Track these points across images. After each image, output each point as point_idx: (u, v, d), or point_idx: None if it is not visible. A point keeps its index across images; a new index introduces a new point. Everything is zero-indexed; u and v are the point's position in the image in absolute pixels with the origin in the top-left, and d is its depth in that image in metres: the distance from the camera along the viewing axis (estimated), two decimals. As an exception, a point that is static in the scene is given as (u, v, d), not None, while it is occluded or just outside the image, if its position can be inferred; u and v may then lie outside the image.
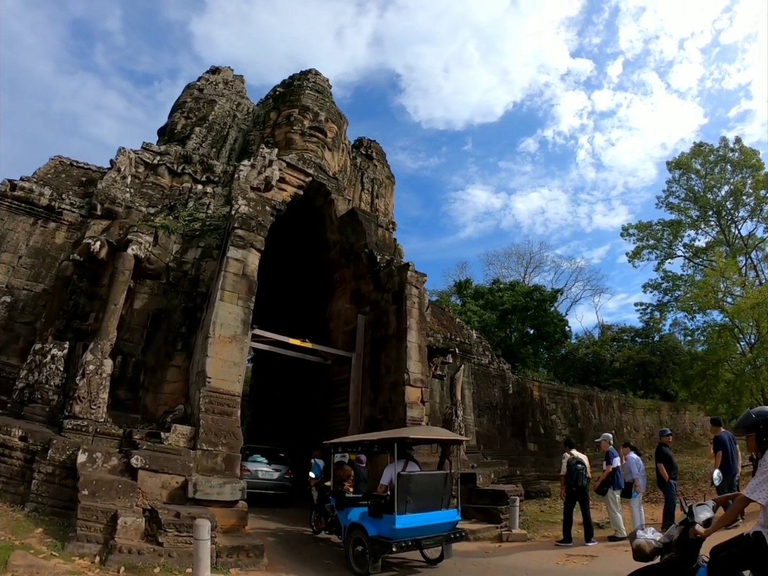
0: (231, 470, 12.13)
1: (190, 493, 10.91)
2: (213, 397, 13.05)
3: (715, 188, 38.05)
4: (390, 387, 17.11)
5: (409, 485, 8.77)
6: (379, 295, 19.08)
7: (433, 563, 9.46)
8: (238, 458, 12.62)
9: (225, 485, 11.24)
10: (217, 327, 13.79)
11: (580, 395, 32.89)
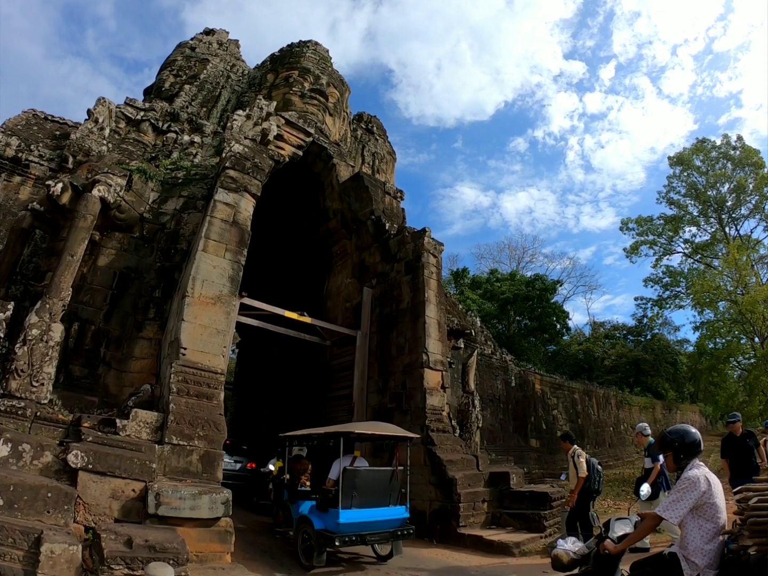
0: (210, 473, 8.58)
1: (150, 508, 7.38)
2: (188, 373, 9.45)
3: (717, 184, 35.11)
4: (404, 370, 13.57)
5: (355, 480, 8.37)
6: (388, 266, 15.53)
7: (383, 560, 9.04)
8: (221, 457, 9.02)
9: (201, 496, 7.66)
10: (197, 284, 10.14)
11: (580, 390, 29.82)
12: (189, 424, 8.78)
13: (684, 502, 3.68)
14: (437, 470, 11.86)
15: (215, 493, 7.72)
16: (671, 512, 3.70)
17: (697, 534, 3.64)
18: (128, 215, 13.44)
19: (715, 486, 3.72)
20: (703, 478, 3.70)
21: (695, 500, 3.66)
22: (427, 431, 12.37)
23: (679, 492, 3.73)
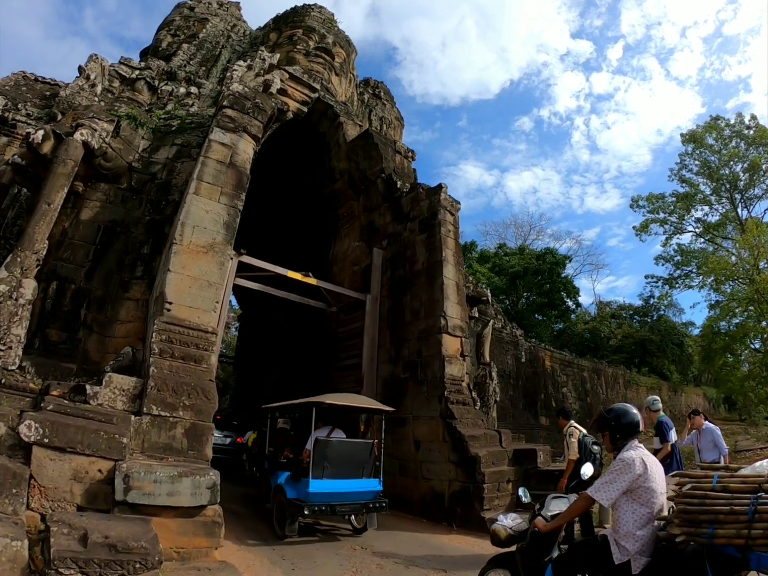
0: (198, 450, 6.98)
1: (118, 493, 5.75)
2: (174, 332, 7.80)
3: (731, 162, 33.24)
4: (419, 336, 11.89)
5: (326, 451, 8.14)
6: (399, 226, 13.80)
7: (358, 532, 8.78)
8: (210, 431, 7.37)
9: (182, 479, 5.96)
10: (186, 231, 8.47)
11: (589, 368, 28.22)
12: (172, 391, 7.12)
13: (617, 484, 3.44)
14: (458, 447, 10.25)
15: (199, 475, 5.99)
16: (603, 494, 3.47)
17: (630, 518, 3.40)
18: (115, 164, 11.76)
19: (652, 469, 3.47)
20: (639, 460, 3.45)
21: (629, 483, 3.42)
22: (446, 403, 10.72)
23: (613, 473, 3.49)
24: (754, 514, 2.84)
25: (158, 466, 5.92)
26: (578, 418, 26.45)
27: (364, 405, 9.30)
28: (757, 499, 2.88)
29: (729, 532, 2.89)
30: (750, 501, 2.90)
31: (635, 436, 3.69)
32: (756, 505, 2.86)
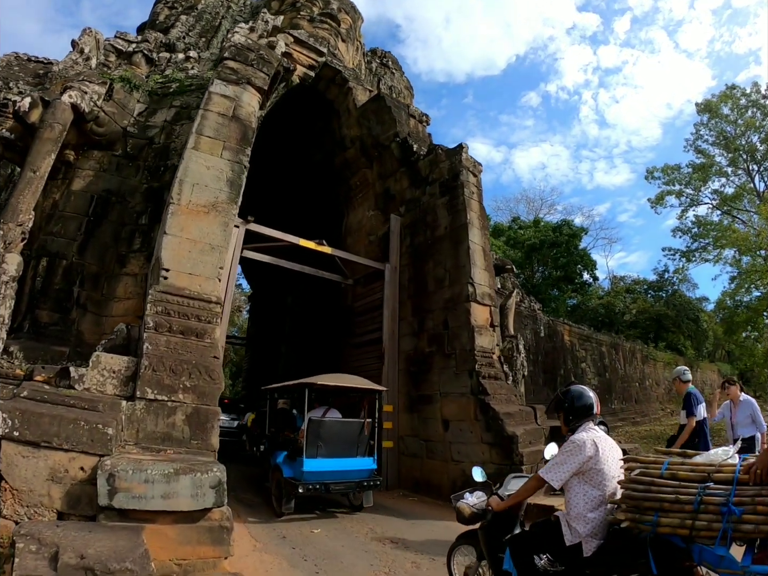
0: (202, 439, 5.78)
1: (102, 497, 4.55)
2: (171, 303, 6.61)
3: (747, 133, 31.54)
4: (444, 306, 10.65)
5: (320, 431, 8.04)
6: (418, 191, 12.49)
7: (355, 510, 8.60)
8: (215, 416, 6.20)
9: (179, 477, 4.68)
10: (185, 189, 7.24)
11: (607, 343, 26.84)
12: (170, 371, 5.94)
13: (567, 466, 3.29)
14: (493, 426, 9.06)
15: (200, 472, 4.72)
16: (553, 474, 3.31)
17: (581, 500, 3.24)
18: (108, 129, 10.53)
19: (604, 452, 3.28)
20: (590, 442, 3.26)
21: (579, 464, 3.25)
22: (477, 378, 9.51)
23: (563, 455, 3.33)
24: (700, 505, 2.66)
25: (150, 462, 4.68)
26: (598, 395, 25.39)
27: (355, 385, 8.94)
28: (704, 489, 2.68)
29: (673, 521, 2.73)
30: (697, 491, 2.71)
31: (589, 418, 3.50)
32: (702, 496, 2.67)
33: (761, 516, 2.48)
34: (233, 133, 8.36)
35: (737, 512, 2.54)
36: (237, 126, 8.48)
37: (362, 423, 8.84)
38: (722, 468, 2.76)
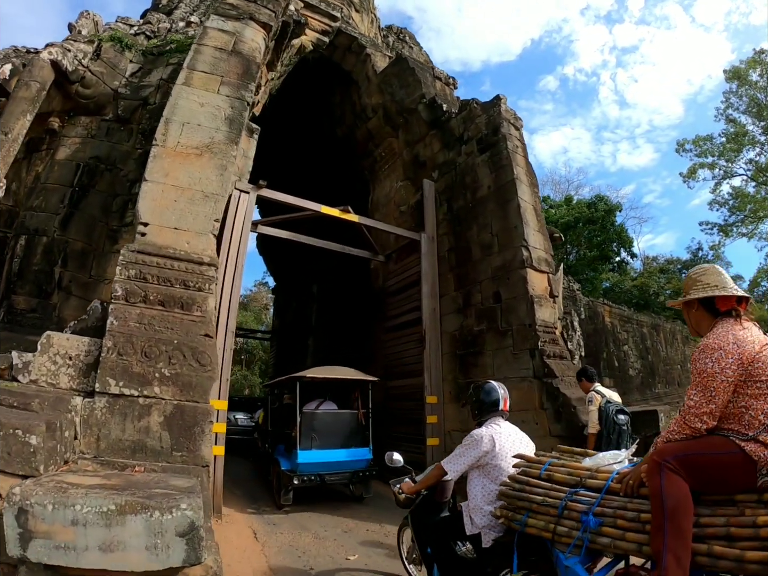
0: (189, 449, 3.83)
1: (12, 545, 2.55)
2: (149, 265, 4.76)
3: (780, 98, 28.74)
4: (494, 276, 8.66)
5: (313, 423, 7.87)
6: (452, 152, 10.54)
7: (357, 500, 8.24)
8: (207, 416, 4.38)
9: (124, 517, 2.62)
10: (172, 128, 5.41)
11: (648, 324, 24.60)
12: (143, 355, 4.15)
13: (464, 458, 3.29)
14: (564, 415, 7.11)
15: (162, 510, 2.69)
16: (451, 465, 3.33)
17: (479, 493, 3.26)
18: (96, 90, 8.79)
19: (503, 448, 3.25)
20: (488, 437, 3.25)
21: (475, 459, 3.26)
22: (541, 358, 7.54)
23: (462, 447, 3.35)
24: (564, 510, 2.52)
25: (82, 492, 2.75)
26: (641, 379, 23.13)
27: (346, 376, 8.62)
28: (571, 494, 2.54)
29: (539, 523, 2.62)
30: (565, 495, 2.57)
31: (494, 413, 3.48)
32: (568, 501, 2.53)
33: (619, 530, 2.23)
34: (233, 68, 6.54)
35: (591, 523, 2.33)
36: (238, 60, 6.66)
37: (356, 413, 8.57)
38: (597, 474, 2.56)
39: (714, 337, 2.21)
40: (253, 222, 8.79)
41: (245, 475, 10.08)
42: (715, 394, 2.12)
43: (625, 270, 31.50)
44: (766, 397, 2.08)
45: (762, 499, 2.00)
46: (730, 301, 2.32)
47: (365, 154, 13.48)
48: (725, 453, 2.10)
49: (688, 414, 2.20)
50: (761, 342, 2.16)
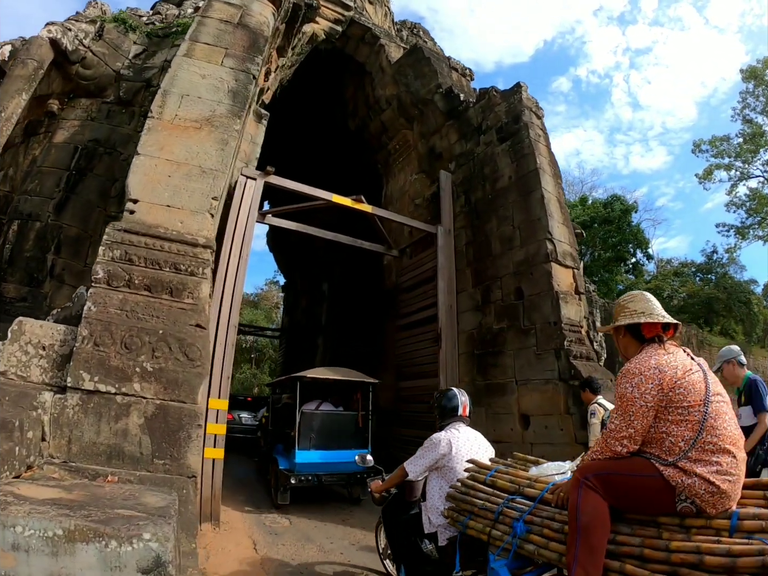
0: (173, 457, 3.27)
1: None
2: (137, 245, 4.14)
3: (799, 98, 27.73)
4: (516, 271, 8.02)
5: (312, 423, 7.73)
6: (470, 143, 9.93)
7: (355, 502, 8.12)
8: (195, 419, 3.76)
9: (74, 545, 1.99)
10: (170, 100, 4.82)
11: (663, 327, 23.45)
12: (123, 346, 3.58)
13: (423, 461, 3.43)
14: (591, 420, 6.36)
15: (120, 540, 2.05)
16: (412, 467, 3.46)
17: (437, 493, 3.35)
18: (97, 71, 8.28)
19: (459, 451, 3.33)
20: (446, 441, 3.36)
21: (433, 461, 3.38)
22: (567, 359, 6.90)
23: (422, 450, 3.48)
24: (500, 515, 2.58)
25: (25, 510, 2.13)
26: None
27: (345, 377, 8.38)
28: (508, 501, 2.60)
29: (477, 525, 2.69)
30: (502, 501, 2.64)
31: (455, 419, 3.57)
32: (504, 507, 2.59)
33: (544, 539, 2.27)
34: (239, 40, 5.97)
35: (518, 529, 2.39)
36: (244, 33, 6.09)
37: (355, 415, 8.42)
38: (535, 484, 2.57)
39: (636, 362, 2.21)
40: (261, 212, 8.24)
41: (248, 476, 9.79)
42: (633, 418, 2.13)
43: (641, 272, 30.58)
44: (687, 423, 2.06)
45: (683, 523, 2.00)
46: (656, 327, 2.30)
47: (379, 147, 12.91)
48: (645, 475, 2.09)
49: (609, 437, 2.20)
50: (684, 368, 2.14)
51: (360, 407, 8.46)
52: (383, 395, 10.39)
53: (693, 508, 1.98)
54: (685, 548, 1.87)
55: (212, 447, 5.54)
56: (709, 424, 2.03)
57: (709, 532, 1.92)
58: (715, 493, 1.95)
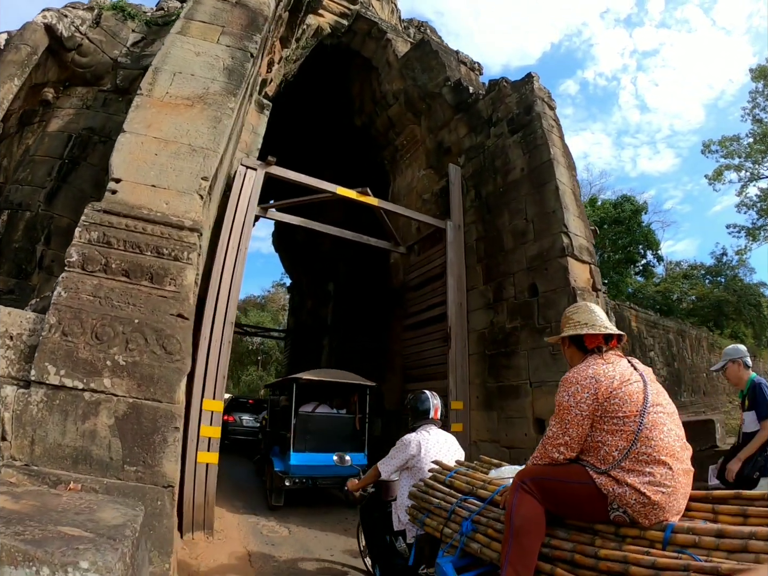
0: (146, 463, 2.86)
1: None
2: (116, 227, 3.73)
3: (810, 98, 27.02)
4: (530, 267, 7.55)
5: (308, 425, 7.64)
6: (480, 136, 9.49)
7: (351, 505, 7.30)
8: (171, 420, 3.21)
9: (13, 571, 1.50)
10: (161, 78, 4.40)
11: (674, 330, 23.17)
12: (94, 336, 3.17)
13: (395, 461, 3.52)
14: (612, 423, 5.85)
15: (53, 568, 1.55)
16: (384, 467, 3.56)
17: (406, 492, 3.35)
18: (94, 59, 7.92)
19: (427, 452, 3.43)
20: (415, 442, 3.47)
21: (404, 461, 3.48)
22: (586, 359, 6.37)
23: (394, 450, 3.57)
24: (452, 514, 2.64)
25: None
26: (667, 387, 21.79)
27: (341, 380, 8.36)
28: (461, 501, 2.66)
29: (432, 523, 2.76)
30: (456, 501, 2.70)
31: (425, 421, 3.63)
32: (457, 506, 2.66)
33: (488, 539, 2.32)
34: (237, 18, 5.56)
35: (464, 528, 2.45)
36: (242, 12, 5.67)
37: (352, 418, 8.34)
38: (488, 486, 2.61)
39: (574, 371, 2.21)
40: (263, 206, 7.84)
41: (247, 480, 9.52)
42: (569, 426, 2.12)
43: (652, 274, 29.97)
44: (622, 433, 2.04)
45: (619, 532, 1.99)
46: (598, 338, 2.30)
47: (385, 143, 12.51)
48: (579, 483, 2.08)
49: (547, 444, 2.20)
50: (622, 378, 2.11)
51: (357, 410, 8.35)
52: (389, 397, 9.94)
53: (626, 517, 1.95)
54: (612, 557, 1.86)
55: (206, 451, 5.12)
56: (644, 434, 2.00)
57: (643, 542, 1.89)
58: (646, 503, 1.91)
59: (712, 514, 1.94)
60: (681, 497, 1.97)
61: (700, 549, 1.73)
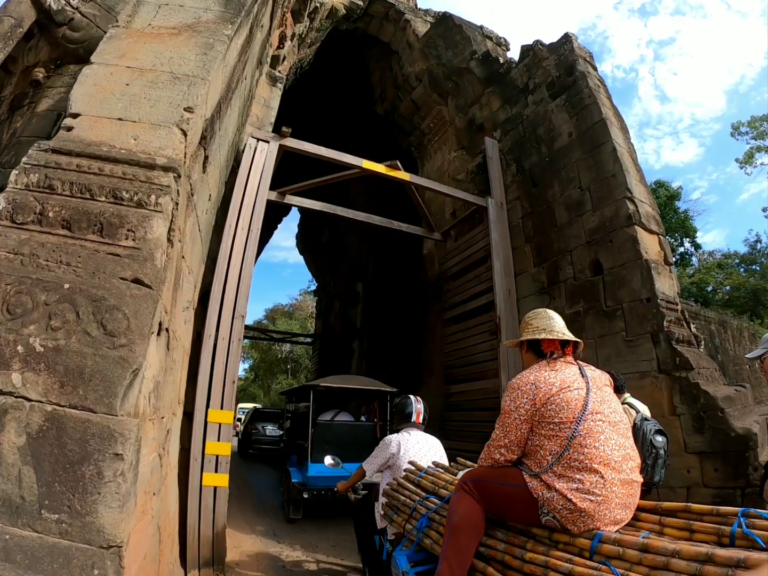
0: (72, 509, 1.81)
1: None
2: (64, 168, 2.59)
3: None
4: (590, 241, 6.38)
5: (326, 434, 7.21)
6: (516, 107, 8.38)
7: None
8: (111, 445, 1.96)
9: None
10: (143, 9, 3.84)
11: (715, 320, 21.53)
12: (5, 309, 1.90)
13: (377, 460, 3.53)
14: (708, 421, 4.77)
15: None
16: (368, 466, 3.57)
17: None
18: (87, 34, 6.84)
19: (407, 452, 3.41)
20: (396, 442, 3.48)
21: (385, 460, 3.48)
22: (669, 344, 5.19)
23: (377, 449, 3.58)
24: (413, 511, 2.68)
25: None
26: (711, 379, 20.24)
27: (361, 386, 7.94)
28: (423, 499, 2.68)
29: (398, 519, 2.78)
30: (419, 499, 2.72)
31: (408, 423, 3.63)
32: (419, 504, 2.68)
33: (438, 535, 2.33)
34: (235, -49, 4.47)
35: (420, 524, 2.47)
36: (241, -56, 4.58)
37: (373, 426, 7.87)
38: (449, 486, 2.62)
39: (518, 377, 2.16)
40: (279, 191, 6.76)
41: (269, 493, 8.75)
42: (509, 430, 2.09)
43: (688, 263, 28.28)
44: (557, 439, 1.97)
45: (552, 537, 1.93)
46: (554, 344, 2.21)
47: (411, 129, 11.50)
48: (513, 485, 2.06)
49: (491, 446, 2.18)
50: (562, 385, 2.01)
51: (378, 417, 7.94)
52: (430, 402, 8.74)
53: (556, 523, 1.89)
54: (536, 560, 1.83)
55: (213, 472, 4.03)
56: (577, 441, 1.91)
57: (572, 549, 1.82)
58: (573, 510, 1.83)
59: (658, 526, 1.83)
60: (616, 507, 1.85)
61: (623, 561, 1.62)
